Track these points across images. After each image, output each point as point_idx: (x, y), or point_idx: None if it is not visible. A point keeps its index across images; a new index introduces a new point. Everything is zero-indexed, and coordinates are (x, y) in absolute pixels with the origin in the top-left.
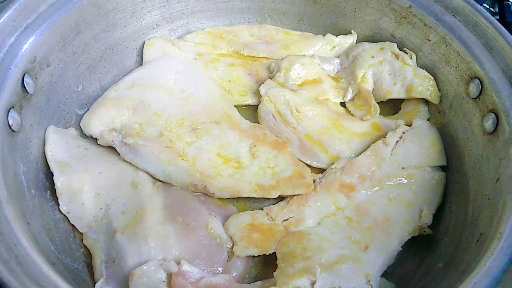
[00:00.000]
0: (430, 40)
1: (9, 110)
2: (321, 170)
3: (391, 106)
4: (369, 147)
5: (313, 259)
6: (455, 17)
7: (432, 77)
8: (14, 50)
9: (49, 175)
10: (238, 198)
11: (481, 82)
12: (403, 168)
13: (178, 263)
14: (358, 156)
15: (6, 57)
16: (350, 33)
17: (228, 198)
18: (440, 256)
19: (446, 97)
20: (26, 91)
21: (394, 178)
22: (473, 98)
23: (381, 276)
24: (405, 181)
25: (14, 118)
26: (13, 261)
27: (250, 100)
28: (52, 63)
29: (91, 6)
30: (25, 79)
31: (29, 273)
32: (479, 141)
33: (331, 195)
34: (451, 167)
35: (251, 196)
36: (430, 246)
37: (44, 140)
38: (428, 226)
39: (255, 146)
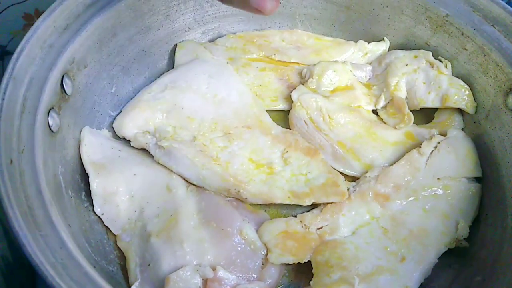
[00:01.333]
0: (467, 50)
1: (49, 111)
2: (354, 178)
3: (424, 115)
4: (402, 156)
5: (349, 269)
6: (494, 27)
7: (468, 87)
8: (54, 51)
9: (84, 176)
10: (270, 204)
11: None
12: (438, 178)
13: (214, 269)
14: (391, 165)
15: (47, 58)
16: (383, 40)
17: (260, 204)
18: (477, 269)
19: (482, 107)
20: (65, 91)
21: (430, 189)
22: (511, 110)
23: None
24: (441, 192)
25: (53, 119)
26: (59, 264)
27: (281, 106)
28: (89, 64)
29: (128, 8)
30: (64, 80)
31: (74, 277)
32: None
33: (366, 204)
34: (487, 179)
35: (284, 203)
36: (466, 259)
37: (80, 141)
38: (465, 239)
39: (287, 152)
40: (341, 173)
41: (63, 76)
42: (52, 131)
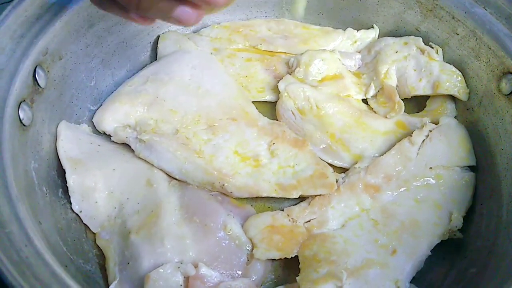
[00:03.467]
0: (458, 34)
1: (20, 104)
2: (343, 170)
3: (415, 103)
4: (393, 145)
5: (338, 264)
6: (486, 9)
7: (460, 73)
8: (26, 42)
9: (61, 172)
10: (256, 198)
11: None
12: (430, 168)
13: (196, 266)
14: (382, 155)
15: (17, 48)
16: (372, 27)
17: (246, 198)
18: (472, 261)
19: (475, 93)
20: (38, 84)
21: (422, 179)
22: (505, 95)
23: (410, 282)
24: (433, 181)
25: (25, 112)
26: (23, 263)
27: (268, 97)
28: (65, 56)
29: None
30: (36, 71)
31: (40, 276)
32: None
33: (355, 195)
34: (481, 167)
35: (270, 196)
36: (460, 250)
37: (56, 136)
38: (458, 230)
39: (273, 144)
40: (330, 164)
41: (35, 67)
42: (24, 125)
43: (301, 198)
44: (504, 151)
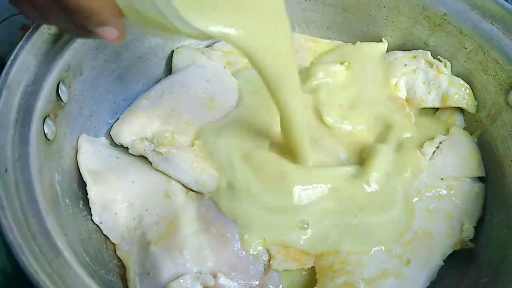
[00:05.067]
0: (466, 48)
1: (45, 119)
2: None
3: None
4: None
5: (354, 274)
6: (493, 25)
7: (468, 86)
8: (49, 59)
9: (82, 184)
10: None
11: None
12: (441, 178)
13: (215, 276)
14: None
15: (41, 65)
16: (381, 41)
17: None
18: (483, 270)
19: (483, 106)
20: (61, 99)
21: (433, 189)
22: None
23: None
24: (445, 192)
25: (49, 127)
26: (55, 274)
27: None
28: (85, 71)
29: None
30: (59, 87)
31: (72, 286)
32: None
33: None
34: (491, 178)
35: None
36: (471, 260)
37: (77, 149)
38: (470, 240)
39: None
40: None
41: (58, 83)
42: (48, 139)
43: None
44: None
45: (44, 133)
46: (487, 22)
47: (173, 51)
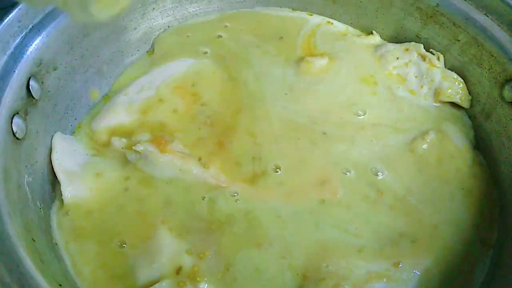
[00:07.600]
0: (459, 41)
1: (13, 117)
2: None
3: None
4: None
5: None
6: (487, 16)
7: (462, 80)
8: (19, 52)
9: (56, 185)
10: None
11: None
12: None
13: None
14: None
15: (10, 60)
16: (372, 33)
17: None
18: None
19: (477, 101)
20: (32, 95)
21: None
22: (508, 102)
23: None
24: None
25: (18, 125)
26: (15, 284)
27: None
28: (59, 66)
29: None
30: (30, 83)
31: None
32: None
33: None
34: (485, 176)
35: None
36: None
37: (51, 148)
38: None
39: None
40: None
41: (29, 79)
42: (17, 138)
43: None
44: (508, 160)
45: (13, 131)
46: (481, 13)
47: (154, 45)
